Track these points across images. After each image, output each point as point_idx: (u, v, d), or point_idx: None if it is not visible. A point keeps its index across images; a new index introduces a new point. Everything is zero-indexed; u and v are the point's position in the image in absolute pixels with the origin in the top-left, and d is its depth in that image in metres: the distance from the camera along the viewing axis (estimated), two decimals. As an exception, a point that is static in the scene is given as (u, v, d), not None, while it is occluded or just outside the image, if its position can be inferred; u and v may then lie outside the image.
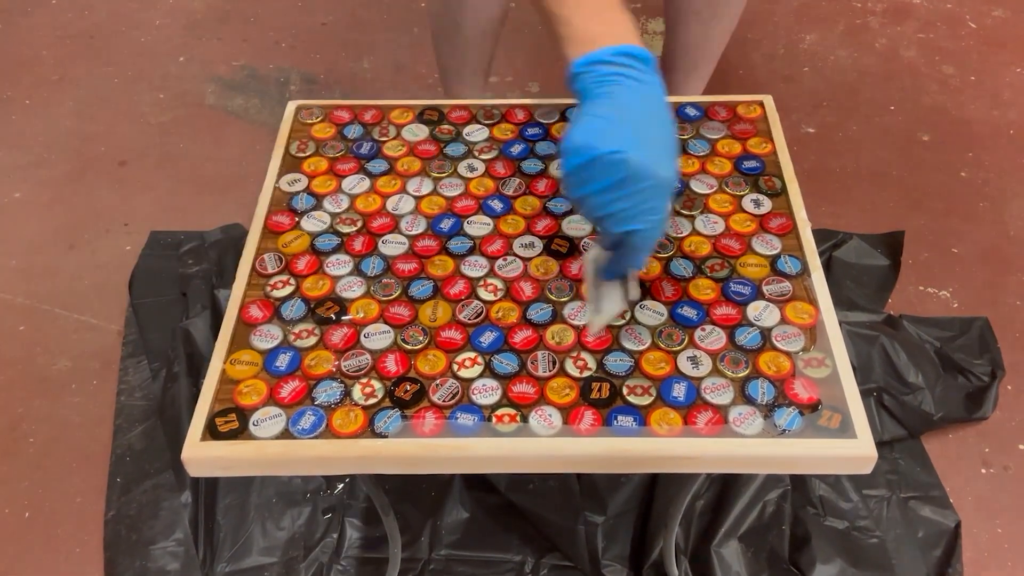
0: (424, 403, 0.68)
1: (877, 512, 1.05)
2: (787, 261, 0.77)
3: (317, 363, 0.70)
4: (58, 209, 1.44)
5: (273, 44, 1.76)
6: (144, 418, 1.15)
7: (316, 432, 0.66)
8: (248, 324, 0.73)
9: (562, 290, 0.75)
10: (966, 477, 1.10)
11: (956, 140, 1.53)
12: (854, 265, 1.30)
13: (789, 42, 1.74)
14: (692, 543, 1.02)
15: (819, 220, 1.38)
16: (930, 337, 1.20)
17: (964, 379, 1.16)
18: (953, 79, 1.65)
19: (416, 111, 0.93)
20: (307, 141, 0.90)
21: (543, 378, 0.69)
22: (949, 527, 1.04)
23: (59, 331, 1.27)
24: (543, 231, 0.80)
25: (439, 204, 0.83)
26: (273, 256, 0.78)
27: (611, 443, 0.65)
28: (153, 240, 1.37)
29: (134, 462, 1.11)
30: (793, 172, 0.85)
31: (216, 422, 0.66)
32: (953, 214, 1.41)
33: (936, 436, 1.14)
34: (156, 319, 1.24)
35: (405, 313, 0.73)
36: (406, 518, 1.04)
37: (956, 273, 1.32)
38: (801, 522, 1.03)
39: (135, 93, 1.66)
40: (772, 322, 0.72)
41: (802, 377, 0.69)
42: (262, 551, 1.03)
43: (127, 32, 1.80)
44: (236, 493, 1.07)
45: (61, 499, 1.09)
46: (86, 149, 1.55)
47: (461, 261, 0.78)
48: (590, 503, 1.04)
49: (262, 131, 1.57)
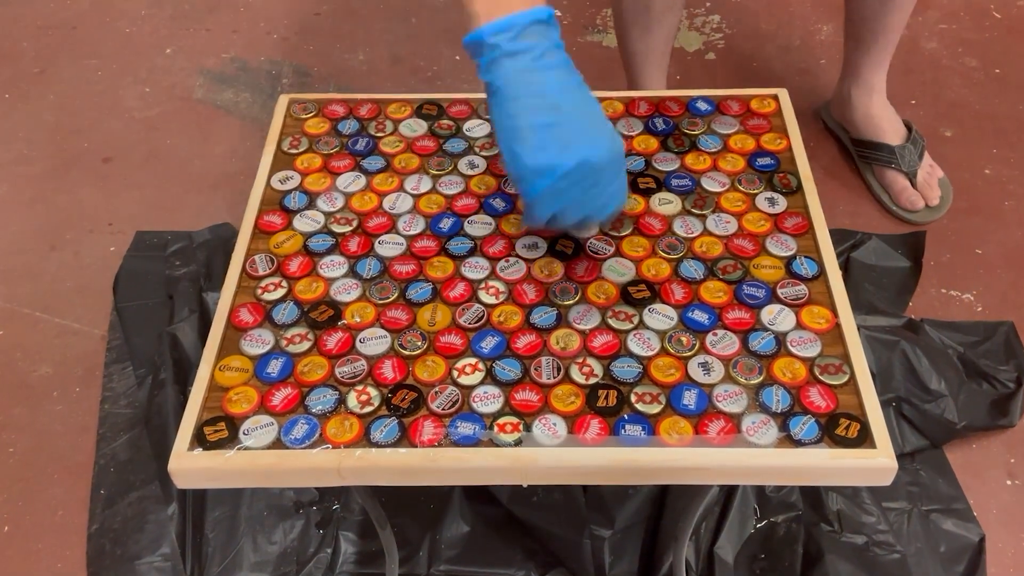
0: (422, 411, 0.68)
1: (897, 526, 1.05)
2: (803, 262, 0.77)
3: (310, 369, 0.70)
4: (39, 208, 1.45)
5: (264, 35, 1.77)
6: (129, 427, 1.15)
7: (309, 442, 0.66)
8: (238, 328, 0.73)
9: (567, 293, 0.75)
10: (990, 489, 1.10)
11: (980, 136, 1.53)
12: (873, 267, 1.30)
13: (805, 33, 1.74)
14: (703, 559, 1.02)
15: (836, 219, 1.38)
16: (953, 342, 1.20)
17: (989, 386, 1.16)
18: (977, 72, 1.65)
19: (414, 105, 0.93)
20: (300, 137, 0.90)
21: (547, 385, 0.69)
22: (973, 541, 1.04)
23: (40, 336, 1.27)
24: (547, 231, 0.80)
25: (438, 203, 0.83)
26: (264, 257, 0.79)
27: (618, 453, 0.65)
28: (139, 240, 1.37)
29: (119, 473, 1.11)
30: (809, 169, 0.85)
31: (204, 431, 0.66)
32: (977, 213, 1.41)
33: (959, 446, 1.13)
34: (142, 323, 1.24)
35: (403, 317, 0.74)
36: (404, 532, 1.04)
37: (980, 275, 1.32)
38: (814, 540, 1.03)
39: (120, 87, 1.66)
40: (787, 326, 0.72)
41: (819, 384, 0.69)
42: (253, 566, 1.03)
43: (111, 23, 1.80)
44: (225, 505, 1.07)
45: (42, 512, 1.09)
46: (69, 145, 1.55)
47: (461, 262, 0.78)
48: (596, 516, 1.04)
49: (253, 126, 1.58)
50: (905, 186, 1.37)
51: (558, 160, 0.64)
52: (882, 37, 1.34)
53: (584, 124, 0.67)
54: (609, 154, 0.67)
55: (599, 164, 0.66)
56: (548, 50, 0.66)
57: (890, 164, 1.38)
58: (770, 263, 0.77)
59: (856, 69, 1.39)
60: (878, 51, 1.36)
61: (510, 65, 0.66)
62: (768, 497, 1.06)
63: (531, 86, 0.66)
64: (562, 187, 0.66)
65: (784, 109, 0.91)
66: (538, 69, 0.66)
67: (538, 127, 0.65)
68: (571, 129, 0.65)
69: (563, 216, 0.69)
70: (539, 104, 0.65)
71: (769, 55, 1.70)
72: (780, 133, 0.89)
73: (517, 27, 0.65)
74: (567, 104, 0.66)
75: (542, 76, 0.66)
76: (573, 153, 0.65)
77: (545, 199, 0.67)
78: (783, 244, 0.79)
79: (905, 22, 1.32)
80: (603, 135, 0.67)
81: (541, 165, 0.65)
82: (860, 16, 1.33)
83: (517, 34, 0.65)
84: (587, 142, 0.66)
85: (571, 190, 0.66)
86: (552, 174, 0.65)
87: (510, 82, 0.66)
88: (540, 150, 0.65)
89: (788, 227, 0.80)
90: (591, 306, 0.74)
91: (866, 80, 1.39)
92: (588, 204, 0.68)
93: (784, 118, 0.90)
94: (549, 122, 0.65)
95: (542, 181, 0.65)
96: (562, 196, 0.66)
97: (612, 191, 0.69)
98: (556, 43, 0.67)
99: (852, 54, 1.39)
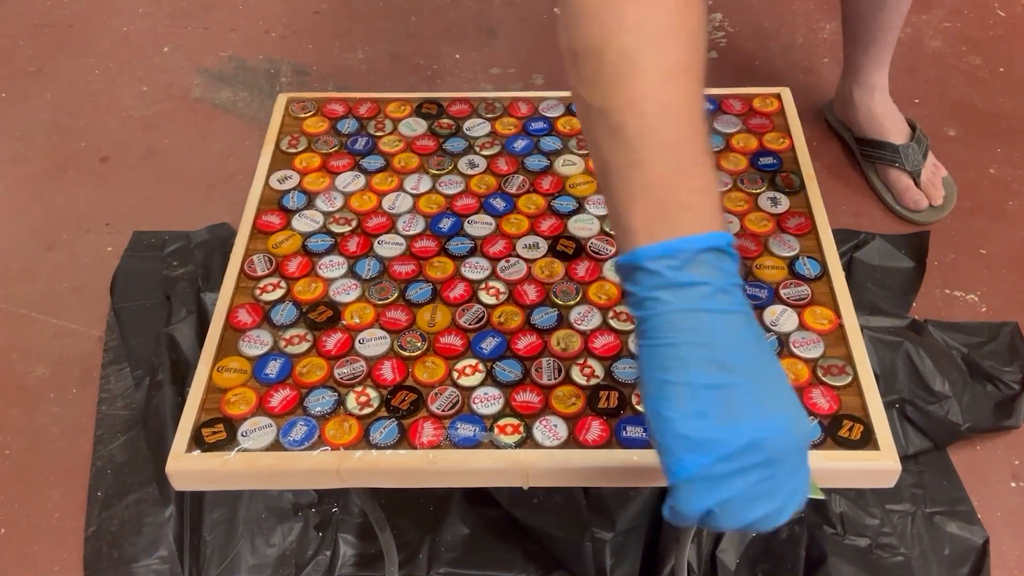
0: (422, 413, 0.68)
1: (901, 528, 1.05)
2: (805, 263, 0.77)
3: (309, 370, 0.70)
4: (36, 208, 1.45)
5: (263, 33, 1.77)
6: (126, 429, 1.15)
7: (308, 443, 0.66)
8: (236, 329, 0.73)
9: (568, 294, 0.75)
10: (995, 491, 1.10)
11: (984, 135, 1.53)
12: (876, 267, 1.30)
13: (808, 31, 1.74)
14: (705, 562, 1.02)
15: (839, 219, 1.38)
16: (957, 343, 1.20)
17: (993, 387, 1.16)
18: (981, 70, 1.65)
19: (414, 104, 0.93)
20: (299, 136, 0.90)
21: (548, 386, 0.69)
22: (977, 544, 1.04)
23: (37, 337, 1.27)
24: (548, 231, 0.80)
25: (438, 203, 0.83)
26: (263, 257, 0.79)
27: (620, 455, 0.65)
28: (136, 241, 1.37)
29: (116, 475, 1.11)
30: (812, 169, 0.85)
31: (202, 433, 0.66)
32: (981, 213, 1.41)
33: (963, 448, 1.13)
34: (139, 324, 1.24)
35: (402, 318, 0.74)
36: (403, 534, 1.04)
37: (984, 275, 1.32)
38: (817, 542, 1.02)
39: (117, 85, 1.66)
40: (790, 327, 0.72)
41: (821, 386, 0.69)
42: (251, 569, 1.03)
43: (108, 21, 1.80)
44: (223, 508, 1.07)
45: (38, 514, 1.09)
46: (65, 144, 1.55)
47: (461, 263, 0.78)
48: (597, 518, 1.04)
49: (251, 126, 1.58)
50: (909, 185, 1.37)
51: (721, 434, 0.49)
52: (880, 35, 1.33)
53: (761, 392, 0.50)
54: (792, 437, 0.51)
55: (778, 448, 0.50)
56: (723, 288, 0.51)
57: (894, 163, 1.38)
58: (772, 263, 0.77)
59: (857, 67, 1.39)
60: (877, 49, 1.36)
61: (672, 301, 0.51)
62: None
63: (696, 333, 0.51)
64: (723, 472, 0.49)
65: (787, 108, 0.91)
66: (707, 311, 0.51)
67: (699, 387, 0.50)
68: (743, 396, 0.50)
69: (724, 515, 0.51)
70: (704, 357, 0.50)
71: (771, 54, 1.70)
72: (783, 132, 0.89)
73: (686, 254, 0.51)
74: (740, 362, 0.50)
75: (711, 321, 0.51)
76: (744, 429, 0.49)
77: (699, 487, 0.50)
78: (786, 244, 0.79)
79: (902, 20, 1.32)
80: (785, 409, 0.51)
81: (697, 438, 0.49)
82: (855, 15, 1.33)
83: (685, 263, 0.51)
84: (763, 415, 0.50)
85: (735, 479, 0.50)
86: (712, 452, 0.49)
87: (669, 323, 0.51)
88: (697, 418, 0.49)
89: (791, 227, 0.80)
90: (592, 307, 0.74)
91: (867, 78, 1.39)
92: (758, 501, 0.51)
93: (787, 117, 0.90)
94: (715, 382, 0.50)
95: (697, 459, 0.49)
96: (723, 486, 0.50)
97: (792, 487, 0.51)
98: (733, 279, 0.52)
99: (852, 53, 1.39)
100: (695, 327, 0.51)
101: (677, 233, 0.51)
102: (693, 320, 0.51)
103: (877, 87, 1.40)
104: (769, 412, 0.50)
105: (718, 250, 0.51)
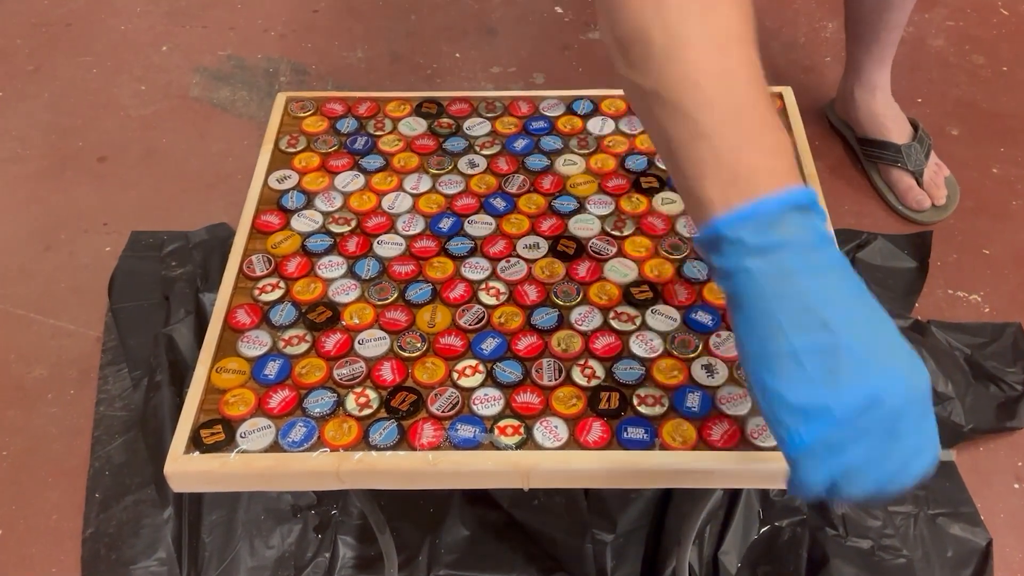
0: (422, 414, 0.68)
1: (904, 530, 1.05)
2: (808, 263, 0.77)
3: (308, 371, 0.70)
4: (34, 208, 1.45)
5: (262, 32, 1.77)
6: (124, 430, 1.15)
7: (307, 444, 0.66)
8: (235, 330, 0.73)
9: (569, 294, 0.75)
10: (998, 492, 1.10)
11: (987, 134, 1.53)
12: (879, 267, 1.30)
13: (810, 30, 1.74)
14: (706, 564, 1.02)
15: (842, 219, 1.38)
16: (960, 344, 1.20)
17: (996, 388, 1.16)
18: (984, 70, 1.65)
19: (413, 103, 0.93)
20: (298, 136, 0.90)
21: (548, 387, 0.69)
22: (980, 545, 1.04)
23: (35, 337, 1.27)
24: (548, 231, 0.80)
25: (438, 202, 0.83)
26: (262, 258, 0.79)
27: (621, 456, 0.65)
28: (134, 240, 1.37)
29: (114, 476, 1.11)
30: (814, 169, 0.85)
31: (201, 434, 0.66)
32: (984, 213, 1.41)
33: (966, 449, 1.13)
34: (137, 324, 1.24)
35: (402, 318, 0.74)
36: (403, 536, 1.04)
37: (987, 276, 1.32)
38: (819, 544, 1.02)
39: (115, 85, 1.66)
40: (792, 328, 0.72)
41: (824, 386, 0.69)
42: (250, 571, 1.03)
43: (106, 20, 1.80)
44: (222, 509, 1.07)
45: (36, 516, 1.09)
46: (63, 144, 1.55)
47: (461, 263, 0.78)
48: (598, 520, 1.04)
49: (250, 125, 1.58)
50: (911, 185, 1.37)
51: (833, 398, 0.47)
52: (883, 35, 1.33)
53: (870, 347, 0.48)
54: (909, 390, 0.48)
55: (896, 404, 0.47)
56: (812, 245, 0.49)
57: (896, 163, 1.38)
58: (774, 263, 0.77)
59: (858, 67, 1.39)
60: (879, 49, 1.36)
61: (760, 267, 0.48)
62: (772, 501, 1.06)
63: (790, 297, 0.48)
64: (842, 438, 0.47)
65: (788, 107, 0.91)
66: (799, 272, 0.48)
67: (803, 352, 0.47)
68: (852, 355, 0.47)
69: (848, 483, 0.48)
70: (804, 321, 0.48)
71: (773, 53, 1.70)
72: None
73: (766, 216, 0.48)
74: (842, 319, 0.48)
75: (805, 282, 0.48)
76: (856, 388, 0.47)
77: (818, 456, 0.48)
78: (788, 244, 0.78)
79: (905, 20, 1.32)
80: (899, 362, 0.49)
81: (809, 405, 0.47)
82: (859, 14, 1.33)
83: (767, 225, 0.48)
84: (876, 372, 0.47)
85: (855, 444, 0.47)
86: (826, 419, 0.47)
87: (761, 291, 0.48)
88: (806, 383, 0.47)
89: (793, 227, 0.80)
90: (593, 307, 0.74)
91: (869, 78, 1.39)
92: (882, 464, 0.48)
93: (788, 116, 0.90)
94: (818, 345, 0.47)
95: (812, 429, 0.47)
96: (843, 452, 0.47)
97: (917, 444, 0.49)
98: (822, 236, 0.50)
99: (854, 52, 1.39)
100: (789, 291, 0.48)
101: (754, 196, 0.49)
102: (785, 284, 0.48)
103: (879, 86, 1.40)
104: (880, 367, 0.48)
105: (800, 207, 0.49)
